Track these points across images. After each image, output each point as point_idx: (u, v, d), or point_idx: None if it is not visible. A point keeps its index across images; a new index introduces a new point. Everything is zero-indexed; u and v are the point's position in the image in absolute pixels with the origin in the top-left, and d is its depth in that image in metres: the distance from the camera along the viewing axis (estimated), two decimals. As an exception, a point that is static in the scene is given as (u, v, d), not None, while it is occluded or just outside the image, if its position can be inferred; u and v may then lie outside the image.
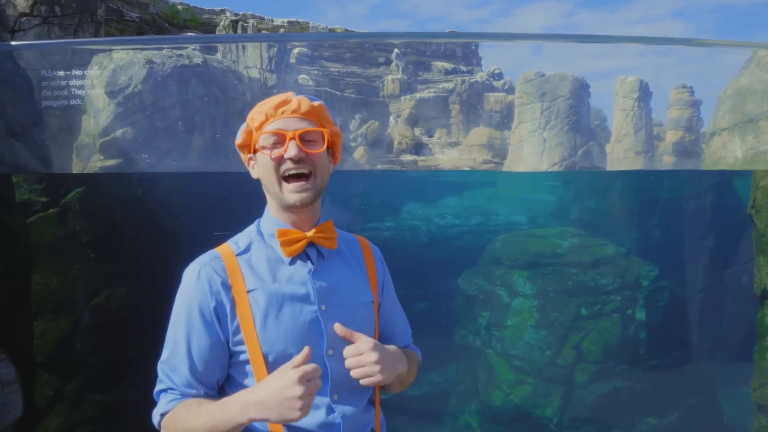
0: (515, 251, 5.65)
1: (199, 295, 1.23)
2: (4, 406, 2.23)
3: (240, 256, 1.29)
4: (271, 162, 1.25)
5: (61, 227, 3.37)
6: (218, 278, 1.24)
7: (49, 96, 2.87)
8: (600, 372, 4.87)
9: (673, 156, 11.72)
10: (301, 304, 1.26)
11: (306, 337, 1.25)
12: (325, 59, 13.67)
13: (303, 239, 1.30)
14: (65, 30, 7.44)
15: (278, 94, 1.31)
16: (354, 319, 1.31)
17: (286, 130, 1.25)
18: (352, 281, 1.37)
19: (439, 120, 15.08)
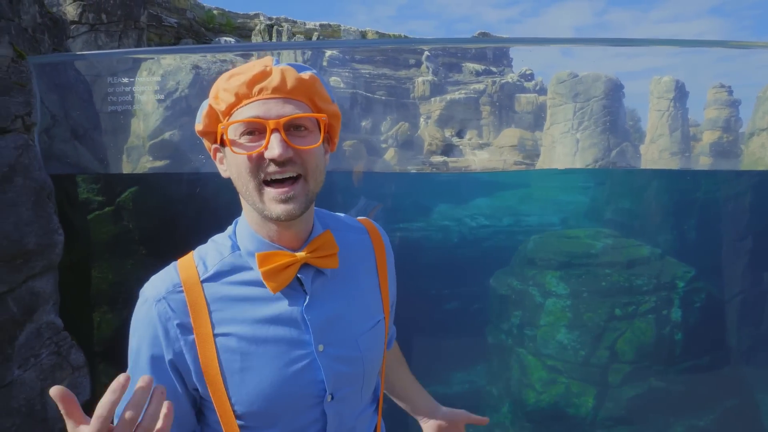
0: (548, 251, 5.68)
1: (149, 341, 0.95)
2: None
3: (207, 283, 0.96)
4: (246, 162, 0.91)
5: (116, 225, 3.57)
6: (175, 320, 0.94)
7: (115, 101, 3.06)
8: (634, 372, 4.87)
9: (711, 157, 11.53)
10: (291, 348, 0.97)
11: (299, 387, 0.98)
12: (356, 62, 13.88)
13: (292, 264, 0.96)
14: (111, 36, 7.77)
15: (250, 62, 0.94)
16: (361, 353, 1.04)
17: (267, 118, 0.89)
18: (359, 302, 1.07)
19: (469, 121, 15.11)
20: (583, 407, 4.92)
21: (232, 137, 0.92)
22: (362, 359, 1.04)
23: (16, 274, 2.28)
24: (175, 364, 0.95)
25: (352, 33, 15.70)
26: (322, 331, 0.99)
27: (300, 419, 0.99)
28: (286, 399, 0.96)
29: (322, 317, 0.99)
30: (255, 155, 0.90)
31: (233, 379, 0.94)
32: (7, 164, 2.30)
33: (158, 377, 0.93)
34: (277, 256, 0.96)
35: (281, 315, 0.97)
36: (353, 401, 1.05)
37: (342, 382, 1.01)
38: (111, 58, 3.47)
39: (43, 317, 2.36)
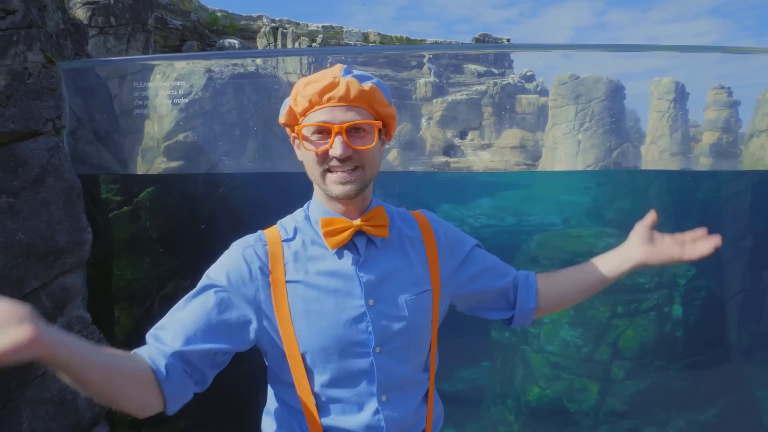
0: (552, 250, 5.77)
1: (235, 273, 1.14)
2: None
3: (286, 242, 1.18)
4: (314, 156, 1.13)
5: (134, 224, 3.67)
6: (258, 262, 1.15)
7: (140, 105, 3.17)
8: (636, 368, 4.96)
9: (710, 157, 11.61)
10: (346, 299, 1.15)
11: (351, 334, 1.14)
12: (358, 63, 13.97)
13: (348, 229, 1.17)
14: (119, 39, 7.88)
15: (326, 69, 1.14)
16: (406, 313, 1.19)
17: (332, 123, 1.10)
18: (406, 271, 1.23)
19: (471, 122, 15.21)
20: (585, 403, 5.01)
21: (305, 134, 1.14)
22: (407, 319, 1.19)
23: (48, 271, 2.38)
24: (248, 298, 1.13)
25: (355, 35, 15.80)
26: (372, 288, 1.17)
27: (352, 365, 1.15)
28: (339, 342, 1.13)
29: (372, 276, 1.18)
30: (321, 152, 1.12)
31: (298, 319, 1.13)
32: (39, 165, 2.41)
33: (227, 301, 1.12)
34: (336, 221, 1.17)
35: (339, 271, 1.17)
36: (400, 358, 1.19)
37: (388, 337, 1.17)
38: (132, 63, 3.57)
39: (73, 311, 2.47)
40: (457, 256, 1.31)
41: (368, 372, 1.15)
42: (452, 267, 1.30)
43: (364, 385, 1.15)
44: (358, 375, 1.15)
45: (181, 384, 1.09)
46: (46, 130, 2.47)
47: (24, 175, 2.35)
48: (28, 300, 2.33)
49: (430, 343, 1.26)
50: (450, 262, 1.30)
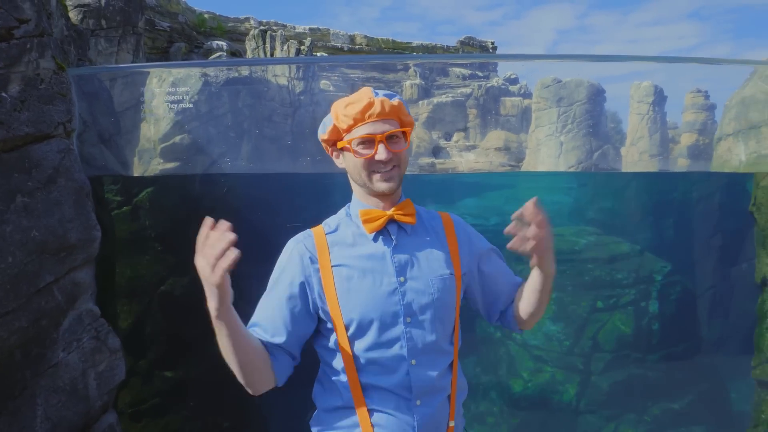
0: (535, 249, 5.95)
1: (292, 267, 1.40)
2: (113, 371, 2.66)
3: (329, 234, 1.44)
4: (363, 161, 1.38)
5: (133, 223, 3.80)
6: (308, 253, 1.40)
7: (132, 106, 3.31)
8: (615, 361, 5.17)
9: (688, 159, 11.94)
10: (381, 276, 1.38)
11: (385, 306, 1.37)
12: (346, 66, 14.11)
13: (383, 216, 1.42)
14: (110, 41, 7.96)
15: (357, 93, 1.41)
16: (431, 290, 1.40)
17: (375, 134, 1.36)
18: (432, 255, 1.45)
19: (456, 124, 15.44)
20: (567, 394, 5.21)
21: (353, 146, 1.39)
22: (432, 295, 1.40)
23: (60, 266, 2.52)
24: (305, 284, 1.39)
25: (341, 37, 15.96)
26: (403, 268, 1.41)
27: (386, 333, 1.37)
28: (376, 312, 1.36)
29: (403, 258, 1.42)
30: (370, 158, 1.39)
31: (342, 295, 1.37)
32: (51, 167, 2.54)
33: (294, 296, 1.38)
34: (373, 211, 1.43)
35: (375, 254, 1.41)
36: (428, 329, 1.39)
37: (417, 309, 1.39)
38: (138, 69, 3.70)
39: (83, 305, 2.61)
40: (474, 252, 1.52)
41: (400, 338, 1.37)
42: (469, 261, 1.50)
43: (396, 349, 1.36)
44: (392, 341, 1.37)
45: (284, 363, 1.40)
46: (58, 133, 2.61)
47: (37, 176, 2.49)
48: (42, 294, 2.47)
49: (454, 321, 1.46)
50: (468, 258, 1.50)
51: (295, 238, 1.46)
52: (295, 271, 1.40)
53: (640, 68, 43.99)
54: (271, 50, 9.97)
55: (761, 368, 3.27)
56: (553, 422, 5.33)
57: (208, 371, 3.71)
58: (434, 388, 1.39)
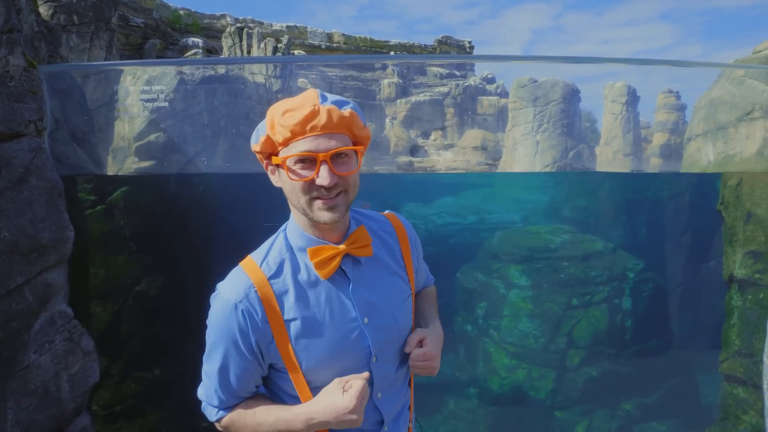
0: (511, 246, 6.04)
1: (239, 331, 1.19)
2: (86, 372, 2.62)
3: (273, 280, 1.20)
4: (300, 185, 1.15)
5: (108, 223, 3.75)
6: (256, 315, 1.18)
7: (106, 104, 3.25)
8: (589, 357, 5.27)
9: (660, 158, 12.18)
10: (343, 323, 1.22)
11: (351, 353, 1.23)
12: (323, 65, 14.06)
13: (336, 255, 1.21)
14: (82, 38, 7.80)
15: (301, 96, 1.15)
16: (397, 322, 1.30)
17: (317, 152, 1.12)
18: (392, 282, 1.32)
19: (434, 123, 15.51)
20: (542, 390, 5.29)
21: (289, 165, 1.15)
22: (398, 327, 1.30)
23: (31, 267, 2.47)
24: (258, 344, 1.21)
25: (319, 35, 15.89)
26: (366, 307, 1.25)
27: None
28: (342, 362, 1.22)
29: (364, 297, 1.25)
30: (309, 181, 1.14)
31: (302, 352, 1.20)
32: (22, 166, 2.49)
33: (247, 360, 1.21)
34: (324, 249, 1.21)
35: (333, 298, 1.22)
36: (392, 360, 1.31)
37: (383, 346, 1.27)
38: (111, 67, 3.64)
39: (56, 306, 2.56)
40: (418, 257, 1.44)
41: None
42: (417, 269, 1.42)
43: None
44: None
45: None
46: (29, 131, 2.56)
47: (8, 175, 2.44)
48: (13, 295, 2.42)
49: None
50: (417, 266, 1.42)
51: (233, 292, 1.19)
52: (241, 336, 1.20)
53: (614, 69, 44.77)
54: (248, 48, 9.88)
55: (728, 363, 3.37)
56: (529, 418, 5.40)
57: (184, 371, 3.69)
58: (400, 408, 1.36)
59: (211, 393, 1.26)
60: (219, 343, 1.21)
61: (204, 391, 1.28)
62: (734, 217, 3.42)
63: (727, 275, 3.42)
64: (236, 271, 1.23)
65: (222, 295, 1.20)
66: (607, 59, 2.93)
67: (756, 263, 3.24)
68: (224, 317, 1.19)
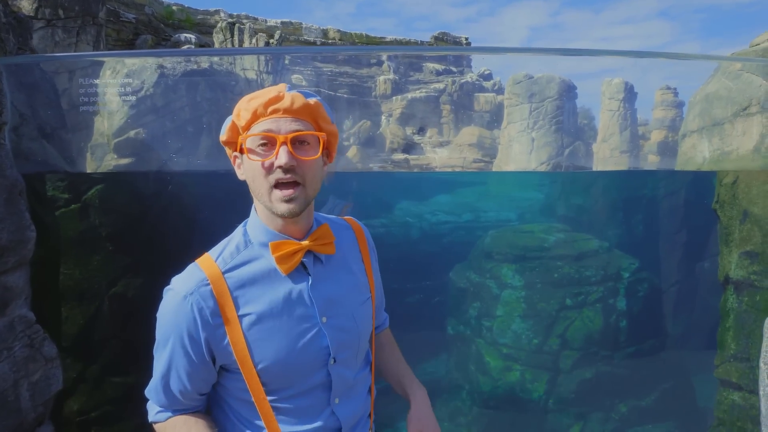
0: (504, 245, 5.92)
1: (188, 326, 1.13)
2: (48, 380, 2.50)
3: (228, 274, 1.16)
4: (260, 168, 1.12)
5: (83, 222, 3.61)
6: (207, 309, 1.13)
7: (86, 102, 3.12)
8: (583, 358, 5.16)
9: (658, 155, 12.08)
10: (301, 321, 1.18)
11: (308, 353, 1.18)
12: (318, 60, 13.93)
13: (299, 251, 1.18)
14: (68, 32, 7.64)
15: (270, 87, 1.16)
16: (356, 323, 1.26)
17: (278, 133, 1.11)
18: (351, 282, 1.29)
19: (430, 120, 15.38)
20: (536, 392, 5.18)
21: (249, 146, 1.13)
22: (357, 328, 1.26)
23: (-11, 270, 2.35)
24: (209, 342, 1.15)
25: (314, 31, 15.74)
26: (325, 306, 1.21)
27: (310, 380, 1.20)
28: (299, 362, 1.17)
29: (324, 295, 1.21)
30: (266, 162, 1.11)
31: (257, 349, 1.15)
32: (-21, 163, 2.36)
33: (197, 359, 1.15)
34: (286, 244, 1.18)
35: (291, 294, 1.18)
36: (351, 364, 1.26)
37: (342, 348, 1.22)
38: (80, 59, 3.51)
39: (15, 311, 2.43)
40: (376, 269, 1.40)
41: (324, 383, 1.21)
42: (375, 277, 1.39)
43: (318, 394, 1.22)
44: (316, 387, 1.21)
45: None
46: (-14, 126, 2.43)
47: (-38, 173, 2.31)
48: (-31, 300, 2.30)
49: (369, 340, 1.35)
50: (375, 274, 1.38)
51: (184, 286, 1.14)
52: (191, 331, 1.14)
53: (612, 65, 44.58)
54: (240, 43, 9.74)
55: (723, 367, 3.25)
56: (523, 421, 5.31)
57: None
58: (360, 416, 1.31)
59: (153, 391, 1.23)
60: (166, 339, 1.17)
61: (149, 388, 1.26)
62: (730, 216, 3.29)
63: (723, 276, 3.30)
64: (191, 267, 1.19)
65: (173, 289, 1.16)
66: (604, 51, 2.81)
67: (752, 264, 3.12)
68: (173, 311, 1.14)
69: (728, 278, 3.25)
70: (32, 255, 2.54)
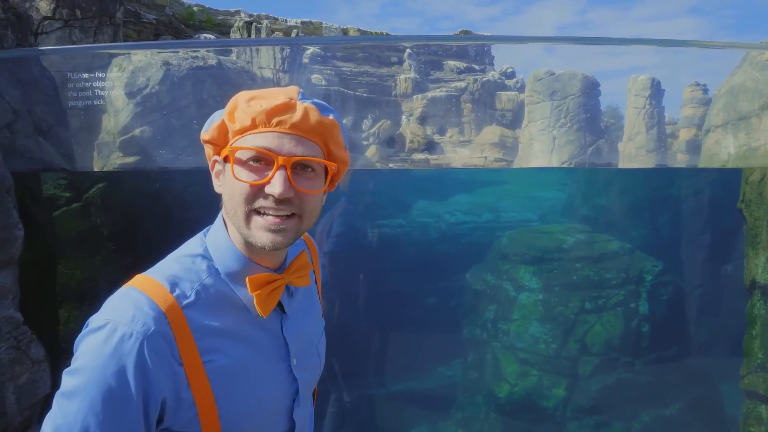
0: (521, 247, 5.76)
1: (129, 377, 0.83)
2: (35, 383, 2.43)
3: (187, 309, 0.89)
4: (244, 188, 0.89)
5: (84, 221, 3.58)
6: (167, 350, 0.85)
7: (74, 96, 3.06)
8: (603, 364, 4.96)
9: (687, 154, 11.69)
10: (271, 365, 0.98)
11: (277, 400, 0.99)
12: (337, 59, 13.87)
13: (278, 286, 0.95)
14: (85, 32, 7.71)
15: (278, 88, 0.93)
16: (320, 359, 1.10)
17: (278, 153, 0.87)
18: (314, 312, 1.11)
19: (450, 119, 15.18)
20: (553, 399, 5.01)
21: (238, 158, 0.89)
22: (320, 364, 1.10)
23: (-26, 269, 2.29)
24: (162, 404, 0.86)
25: (334, 30, 15.70)
26: (296, 346, 1.01)
27: (274, 427, 1.01)
28: (269, 413, 0.97)
29: (297, 334, 1.02)
30: (256, 186, 0.88)
31: (224, 403, 0.90)
32: (-36, 159, 2.31)
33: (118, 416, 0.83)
34: (262, 278, 0.94)
35: (264, 335, 0.97)
36: (308, 403, 1.08)
37: (306, 390, 1.04)
38: (75, 54, 3.47)
39: (2, 312, 2.37)
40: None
41: (287, 430, 1.03)
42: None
43: None
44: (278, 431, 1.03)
45: None
46: (-27, 122, 2.37)
47: (-53, 170, 2.26)
48: (-48, 300, 2.24)
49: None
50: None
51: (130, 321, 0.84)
52: (132, 383, 0.83)
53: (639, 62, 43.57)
54: (257, 44, 9.70)
55: (750, 378, 3.03)
56: (540, 428, 5.14)
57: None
58: None
59: None
60: (83, 390, 0.82)
61: None
62: (757, 216, 3.07)
63: (749, 280, 3.08)
64: (133, 294, 0.88)
65: (117, 327, 0.83)
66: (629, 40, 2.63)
67: (782, 268, 2.90)
68: (109, 354, 0.82)
69: (755, 283, 3.03)
70: (20, 254, 2.48)
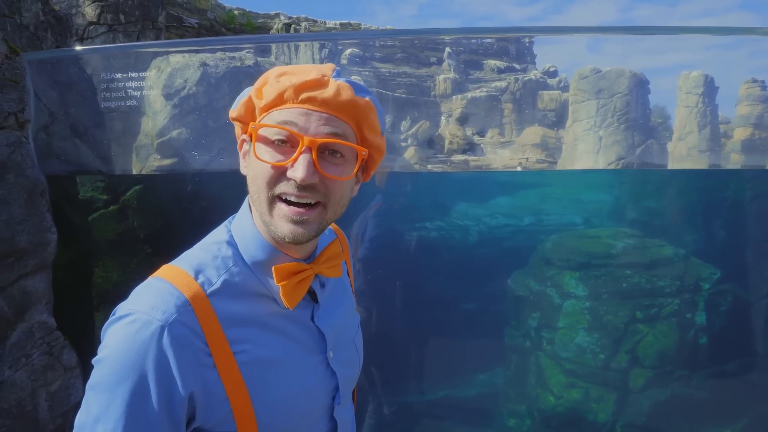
0: (567, 251, 5.54)
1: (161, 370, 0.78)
2: (67, 390, 2.38)
3: (214, 297, 0.84)
4: (266, 170, 0.83)
5: (121, 223, 3.55)
6: (195, 340, 0.80)
7: (110, 97, 3.02)
8: (656, 378, 4.71)
9: (742, 154, 11.14)
10: (307, 356, 0.92)
11: (315, 396, 0.93)
12: (376, 60, 13.81)
13: (307, 277, 0.90)
14: (129, 37, 7.85)
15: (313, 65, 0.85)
16: (357, 353, 1.04)
17: (304, 132, 0.81)
18: (348, 304, 1.06)
19: (491, 119, 14.91)
20: (602, 413, 4.78)
21: (261, 136, 0.83)
22: (359, 361, 1.05)
23: (7, 273, 2.25)
24: (192, 396, 0.80)
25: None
26: (331, 337, 0.95)
27: (314, 427, 0.94)
28: (306, 410, 0.90)
29: (332, 324, 0.96)
30: (277, 167, 0.82)
31: (258, 398, 0.84)
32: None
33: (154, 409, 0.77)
34: (293, 268, 0.88)
35: (296, 326, 0.92)
36: (350, 404, 1.03)
37: (347, 386, 0.99)
38: (113, 55, 3.45)
39: (35, 317, 2.33)
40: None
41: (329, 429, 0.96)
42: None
43: None
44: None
45: None
46: (8, 124, 2.33)
47: (-19, 172, 2.23)
48: (-14, 304, 2.20)
49: None
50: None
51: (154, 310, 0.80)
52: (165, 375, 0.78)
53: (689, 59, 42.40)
54: (296, 45, 9.74)
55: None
56: (587, 444, 4.90)
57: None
58: None
59: None
60: (116, 385, 0.77)
61: None
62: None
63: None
64: (157, 283, 0.85)
65: (138, 316, 0.80)
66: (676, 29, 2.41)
67: None
68: (137, 345, 0.78)
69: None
70: (55, 258, 2.44)
